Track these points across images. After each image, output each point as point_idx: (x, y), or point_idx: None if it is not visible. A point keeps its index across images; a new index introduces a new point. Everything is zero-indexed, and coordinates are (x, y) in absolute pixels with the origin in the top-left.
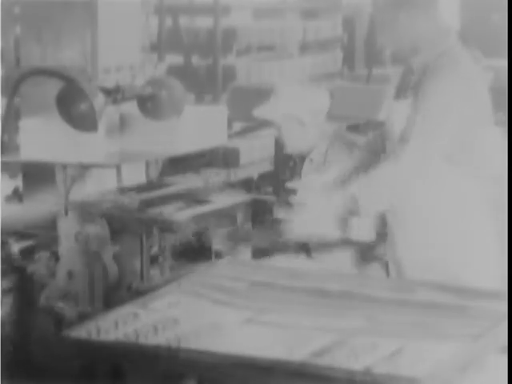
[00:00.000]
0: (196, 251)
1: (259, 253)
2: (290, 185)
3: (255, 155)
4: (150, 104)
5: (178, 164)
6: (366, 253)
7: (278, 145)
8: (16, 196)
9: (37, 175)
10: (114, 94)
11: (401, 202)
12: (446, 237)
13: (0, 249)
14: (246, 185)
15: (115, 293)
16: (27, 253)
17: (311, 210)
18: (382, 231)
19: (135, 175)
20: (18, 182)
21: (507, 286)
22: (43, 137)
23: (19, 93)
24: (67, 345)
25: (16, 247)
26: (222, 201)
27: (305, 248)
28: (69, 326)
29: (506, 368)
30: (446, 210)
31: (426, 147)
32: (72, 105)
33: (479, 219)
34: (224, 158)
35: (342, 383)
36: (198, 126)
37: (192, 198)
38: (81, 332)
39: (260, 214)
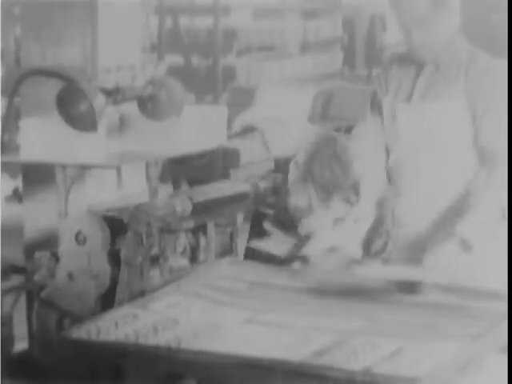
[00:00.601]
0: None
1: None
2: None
3: (255, 156)
4: (150, 104)
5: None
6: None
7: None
8: (16, 196)
9: (37, 175)
10: (114, 95)
11: (400, 199)
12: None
13: (0, 249)
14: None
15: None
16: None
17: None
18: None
19: (135, 176)
20: (18, 182)
21: (507, 285)
22: (43, 137)
23: (19, 93)
24: (67, 345)
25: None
26: None
27: None
28: (69, 326)
29: (506, 368)
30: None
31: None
32: (72, 105)
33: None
34: (224, 159)
35: (342, 383)
36: (198, 126)
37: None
38: (81, 332)
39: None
